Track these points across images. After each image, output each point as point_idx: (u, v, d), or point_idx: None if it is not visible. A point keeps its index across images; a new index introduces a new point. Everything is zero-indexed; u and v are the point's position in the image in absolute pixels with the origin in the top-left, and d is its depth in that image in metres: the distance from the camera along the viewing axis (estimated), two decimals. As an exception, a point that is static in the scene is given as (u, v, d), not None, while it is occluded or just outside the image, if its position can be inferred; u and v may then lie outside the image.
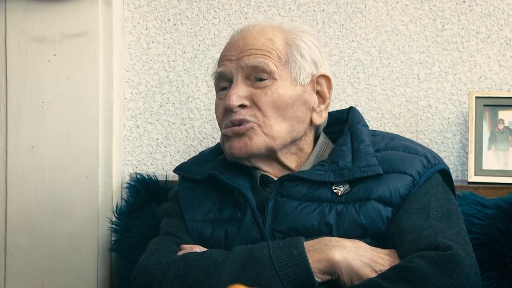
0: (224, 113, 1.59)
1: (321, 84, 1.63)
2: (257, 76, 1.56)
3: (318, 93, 1.63)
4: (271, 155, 1.59)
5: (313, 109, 1.62)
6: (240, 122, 1.55)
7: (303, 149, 1.63)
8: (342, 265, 1.35)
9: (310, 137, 1.65)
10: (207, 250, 1.48)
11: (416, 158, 1.53)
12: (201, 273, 1.38)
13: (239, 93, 1.55)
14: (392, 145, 1.60)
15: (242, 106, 1.55)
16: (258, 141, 1.55)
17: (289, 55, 1.57)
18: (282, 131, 1.56)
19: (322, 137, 1.69)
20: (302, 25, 1.68)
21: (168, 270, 1.42)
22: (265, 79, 1.55)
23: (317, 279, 1.34)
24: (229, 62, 1.59)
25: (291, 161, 1.62)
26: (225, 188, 1.59)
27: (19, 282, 2.15)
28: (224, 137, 1.60)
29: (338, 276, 1.36)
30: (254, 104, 1.55)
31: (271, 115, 1.55)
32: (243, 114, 1.55)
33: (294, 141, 1.60)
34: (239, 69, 1.57)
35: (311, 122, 1.63)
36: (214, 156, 1.73)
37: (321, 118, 1.64)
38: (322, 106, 1.64)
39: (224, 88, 1.62)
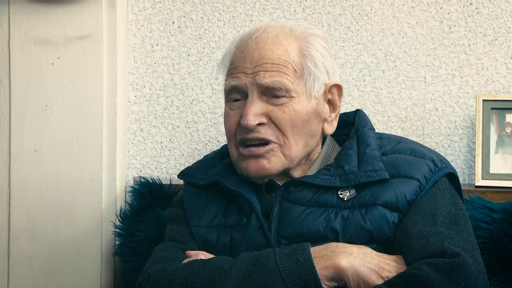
0: (237, 126, 1.55)
1: (332, 93, 1.61)
2: (273, 93, 1.52)
3: (329, 101, 1.61)
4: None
5: (324, 120, 1.60)
6: (259, 142, 1.53)
7: (312, 158, 1.62)
8: (348, 271, 1.35)
9: (319, 146, 1.64)
10: (212, 257, 1.47)
11: (423, 162, 1.52)
12: (206, 281, 1.37)
13: (256, 111, 1.51)
14: (399, 148, 1.58)
15: (259, 124, 1.52)
16: (277, 163, 1.53)
17: (304, 66, 1.54)
18: (299, 150, 1.55)
19: (329, 140, 1.67)
20: (311, 27, 1.64)
21: (173, 278, 1.41)
22: (281, 97, 1.52)
23: (323, 286, 1.33)
24: (243, 75, 1.54)
25: (299, 171, 1.60)
26: (230, 193, 1.58)
27: (22, 287, 2.14)
28: (240, 155, 1.57)
29: (345, 282, 1.35)
30: (272, 122, 1.52)
31: (290, 134, 1.52)
32: (261, 132, 1.52)
33: (306, 155, 1.59)
34: (254, 86, 1.52)
35: (322, 132, 1.61)
36: (218, 159, 1.71)
37: (332, 128, 1.62)
38: (333, 115, 1.62)
39: (237, 100, 1.57)
